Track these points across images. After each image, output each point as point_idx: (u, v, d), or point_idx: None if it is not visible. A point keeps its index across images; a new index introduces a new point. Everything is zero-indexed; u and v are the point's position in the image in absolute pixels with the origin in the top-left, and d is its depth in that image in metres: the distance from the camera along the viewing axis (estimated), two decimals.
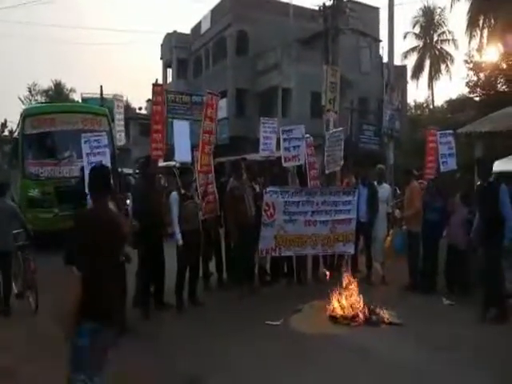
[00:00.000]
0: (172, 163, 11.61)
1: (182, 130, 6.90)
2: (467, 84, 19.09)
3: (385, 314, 5.23)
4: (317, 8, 16.78)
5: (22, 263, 5.99)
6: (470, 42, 18.48)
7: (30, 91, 39.90)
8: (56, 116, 10.16)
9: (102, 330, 2.72)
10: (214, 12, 26.14)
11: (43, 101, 33.85)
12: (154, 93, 6.81)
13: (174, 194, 5.75)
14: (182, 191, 5.79)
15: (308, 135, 7.40)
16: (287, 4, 23.92)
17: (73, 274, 2.66)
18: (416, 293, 6.22)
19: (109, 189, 3.06)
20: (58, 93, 38.81)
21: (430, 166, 8.11)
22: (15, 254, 5.93)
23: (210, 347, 4.59)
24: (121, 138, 8.14)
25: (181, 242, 5.56)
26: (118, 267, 3.03)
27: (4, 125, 45.52)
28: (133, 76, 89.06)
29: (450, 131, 7.85)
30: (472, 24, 17.86)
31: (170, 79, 30.91)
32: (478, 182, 9.10)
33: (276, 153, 7.84)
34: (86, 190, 4.73)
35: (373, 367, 4.18)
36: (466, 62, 19.42)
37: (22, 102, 37.71)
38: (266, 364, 4.24)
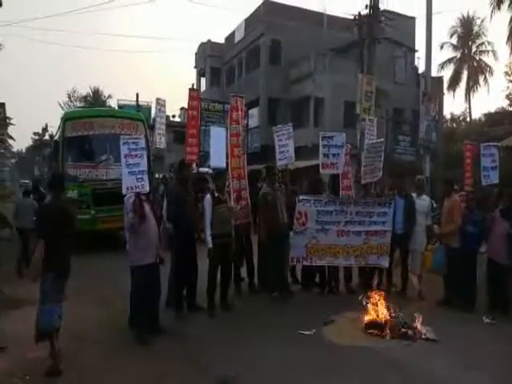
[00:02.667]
0: (205, 169, 11.73)
1: (218, 136, 6.98)
2: (507, 96, 18.55)
3: (421, 329, 5.05)
4: (352, 17, 16.73)
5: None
6: (511, 53, 17.91)
7: (69, 97, 41.44)
8: (95, 120, 10.46)
9: (59, 277, 4.23)
10: (248, 21, 26.46)
11: (82, 106, 35.11)
12: (190, 97, 6.93)
13: (208, 197, 5.78)
14: (216, 194, 5.82)
15: (349, 144, 7.28)
16: (320, 14, 23.97)
17: (40, 243, 4.12)
18: (453, 309, 5.98)
19: (63, 188, 4.73)
20: (95, 99, 40.10)
21: (467, 183, 7.90)
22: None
23: (240, 352, 4.57)
24: (161, 142, 8.21)
25: (210, 244, 5.58)
26: (70, 239, 4.46)
27: (45, 129, 47.56)
28: (166, 84, 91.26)
29: (495, 143, 7.59)
30: None
31: (203, 88, 31.41)
32: None
33: (295, 161, 7.63)
34: (123, 191, 4.89)
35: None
36: (507, 73, 18.89)
37: (62, 107, 39.21)
38: (298, 373, 4.17)
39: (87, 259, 8.63)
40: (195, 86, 30.78)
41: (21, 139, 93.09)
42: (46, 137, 44.42)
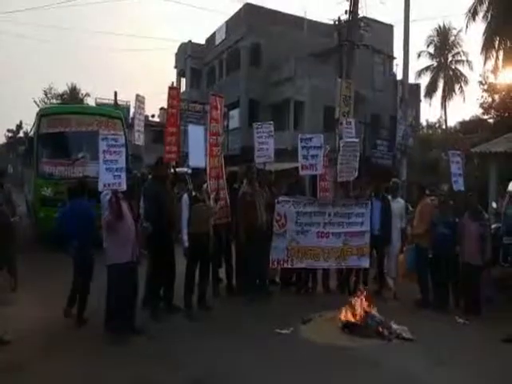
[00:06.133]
0: (184, 169, 11.61)
1: (196, 135, 6.90)
2: (481, 105, 19.08)
3: (396, 329, 5.14)
4: (332, 22, 16.95)
5: None
6: (485, 63, 18.40)
7: (45, 94, 40.41)
8: (71, 117, 10.21)
9: None
10: (229, 23, 26.48)
11: (58, 103, 34.30)
12: (169, 96, 6.87)
13: (185, 196, 5.73)
14: (193, 193, 5.77)
15: (328, 146, 7.32)
16: (301, 18, 24.22)
17: None
18: (428, 309, 6.11)
19: None
20: (73, 97, 39.24)
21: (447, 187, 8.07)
22: None
23: (217, 351, 4.54)
24: (139, 139, 8.10)
25: (186, 244, 5.52)
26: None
27: (19, 126, 46.27)
28: (146, 84, 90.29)
29: (459, 152, 7.82)
30: (487, 45, 17.79)
31: (183, 88, 31.19)
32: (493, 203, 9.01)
33: (275, 163, 7.66)
34: (99, 188, 4.78)
35: (382, 382, 4.10)
36: (481, 83, 19.44)
37: (37, 104, 38.18)
38: (274, 371, 4.18)
39: (62, 258, 8.43)
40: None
41: None
42: (21, 134, 43.18)
